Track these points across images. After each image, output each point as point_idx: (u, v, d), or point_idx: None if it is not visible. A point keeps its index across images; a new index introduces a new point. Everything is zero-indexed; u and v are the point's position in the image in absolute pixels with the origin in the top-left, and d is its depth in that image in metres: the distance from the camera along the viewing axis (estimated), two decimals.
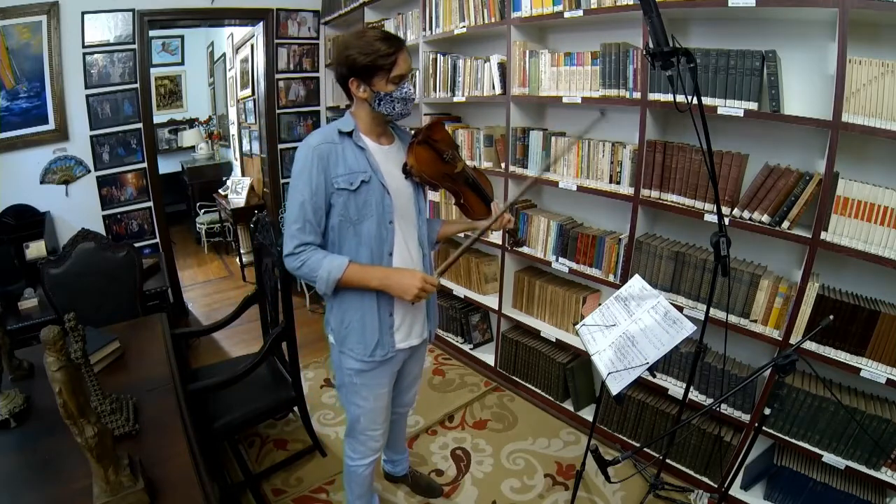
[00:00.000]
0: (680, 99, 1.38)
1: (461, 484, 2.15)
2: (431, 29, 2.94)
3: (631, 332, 1.52)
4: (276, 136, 4.19)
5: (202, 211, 5.60)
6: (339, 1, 3.76)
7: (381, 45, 1.30)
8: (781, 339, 1.77)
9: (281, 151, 4.25)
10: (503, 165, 2.67)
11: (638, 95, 2.01)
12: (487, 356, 3.04)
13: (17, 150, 3.01)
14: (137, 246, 2.85)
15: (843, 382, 1.79)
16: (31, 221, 2.96)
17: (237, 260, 4.88)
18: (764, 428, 1.54)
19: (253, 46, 4.39)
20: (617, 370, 1.44)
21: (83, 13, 3.08)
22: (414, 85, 1.55)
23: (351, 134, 1.39)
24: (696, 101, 1.38)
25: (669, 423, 2.12)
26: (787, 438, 1.79)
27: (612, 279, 2.27)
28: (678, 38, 1.36)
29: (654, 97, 1.95)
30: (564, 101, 2.27)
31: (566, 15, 2.17)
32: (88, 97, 3.20)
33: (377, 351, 1.48)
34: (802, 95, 1.73)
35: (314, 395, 2.76)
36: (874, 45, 1.53)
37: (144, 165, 3.52)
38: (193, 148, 6.18)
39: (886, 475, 1.63)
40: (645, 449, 2.21)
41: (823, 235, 1.62)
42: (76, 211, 3.26)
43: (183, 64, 6.46)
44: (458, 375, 2.98)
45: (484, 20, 2.61)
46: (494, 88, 2.62)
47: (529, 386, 2.77)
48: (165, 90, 6.46)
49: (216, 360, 2.84)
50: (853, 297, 1.68)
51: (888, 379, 1.56)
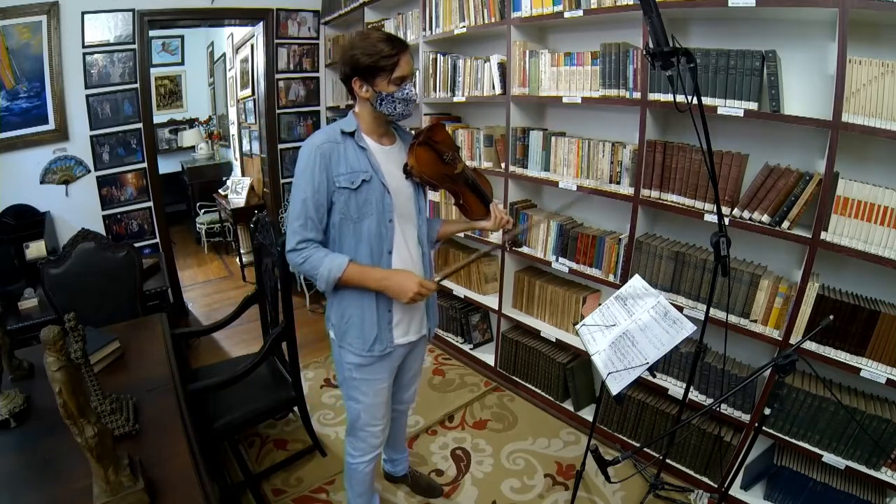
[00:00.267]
0: (680, 99, 1.38)
1: (461, 484, 2.15)
2: (431, 29, 2.94)
3: (631, 332, 1.52)
4: (276, 136, 4.19)
5: (202, 211, 5.60)
6: (339, 1, 3.76)
7: (384, 46, 1.33)
8: (781, 339, 1.77)
9: (281, 151, 4.25)
10: (503, 165, 2.67)
11: (638, 95, 2.02)
12: (487, 356, 3.04)
13: (17, 150, 3.01)
14: (137, 246, 2.85)
15: (843, 382, 1.79)
16: (31, 221, 2.96)
17: (237, 260, 4.88)
18: (764, 428, 1.54)
19: (253, 46, 4.40)
20: (617, 370, 1.44)
21: (83, 13, 3.08)
22: (414, 85, 1.56)
23: (353, 134, 1.42)
24: (696, 101, 1.38)
25: (669, 423, 2.12)
26: (787, 438, 1.79)
27: (612, 279, 2.27)
28: (678, 38, 1.36)
29: (654, 97, 1.96)
30: (564, 101, 2.28)
31: (566, 15, 2.17)
32: (88, 97, 3.21)
33: (376, 346, 1.50)
34: (802, 95, 1.73)
35: (314, 395, 2.77)
36: (874, 45, 1.53)
37: (144, 165, 3.52)
38: (193, 148, 6.18)
39: (886, 475, 1.63)
40: (645, 449, 2.21)
41: (823, 235, 1.62)
42: (76, 211, 3.26)
43: (183, 64, 6.47)
44: (458, 375, 2.98)
45: (484, 20, 2.61)
46: (494, 88, 2.62)
47: (529, 386, 2.77)
48: (165, 90, 6.46)
49: (216, 360, 2.84)
50: (853, 297, 1.68)
51: (888, 379, 1.56)
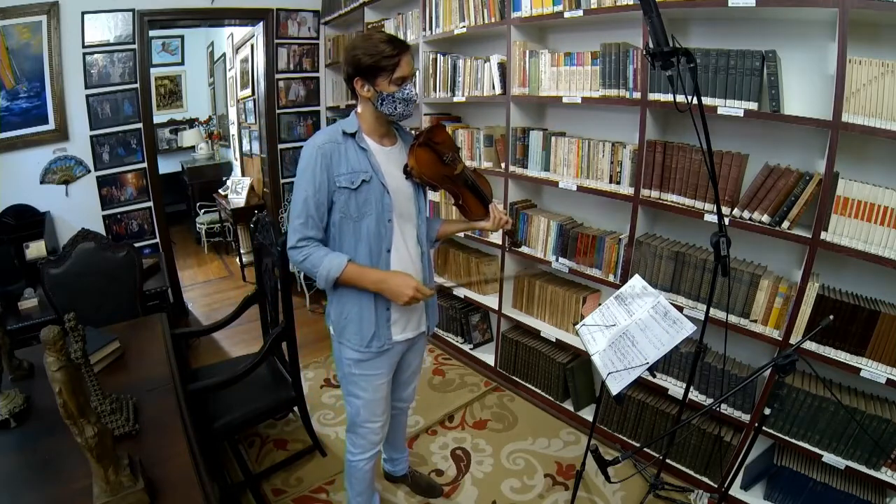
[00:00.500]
0: (680, 99, 1.38)
1: (461, 484, 2.15)
2: (431, 29, 2.94)
3: (631, 331, 1.52)
4: (276, 136, 4.19)
5: (202, 211, 5.60)
6: (339, 1, 3.76)
7: (385, 46, 1.35)
8: (781, 339, 1.77)
9: (281, 151, 4.25)
10: (503, 165, 2.67)
11: (638, 95, 2.02)
12: (487, 356, 3.04)
13: (17, 150, 3.01)
14: (137, 246, 2.85)
15: (843, 382, 1.79)
16: (31, 221, 2.96)
17: (237, 260, 4.88)
18: (764, 428, 1.54)
19: (253, 46, 4.40)
20: (617, 370, 1.44)
21: (83, 13, 3.08)
22: (415, 86, 1.56)
23: (354, 135, 1.44)
24: (696, 101, 1.38)
25: (669, 423, 2.12)
26: (787, 438, 1.79)
27: (612, 279, 2.27)
28: (678, 38, 1.35)
29: (654, 97, 1.96)
30: (564, 101, 2.27)
31: (566, 15, 2.17)
32: (88, 97, 3.21)
33: (373, 342, 1.52)
34: (802, 95, 1.73)
35: (314, 395, 2.77)
36: (874, 45, 1.53)
37: (144, 165, 3.53)
38: (193, 148, 6.18)
39: (886, 475, 1.63)
40: (645, 449, 2.21)
41: (823, 235, 1.62)
42: (76, 211, 3.26)
43: (183, 64, 6.47)
44: (458, 375, 2.98)
45: (484, 20, 2.61)
46: (494, 88, 2.62)
47: (529, 386, 2.77)
48: (165, 90, 6.46)
49: (216, 360, 2.84)
50: (853, 297, 1.68)
51: (888, 379, 1.56)
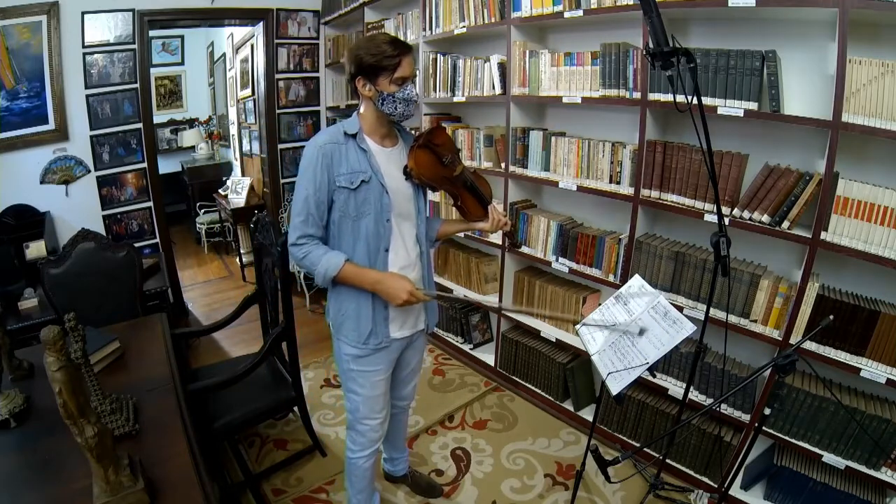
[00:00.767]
0: (680, 99, 1.38)
1: (461, 484, 2.15)
2: (431, 29, 2.94)
3: (631, 331, 1.51)
4: (276, 136, 4.19)
5: (202, 211, 5.60)
6: (339, 1, 3.76)
7: (387, 47, 1.37)
8: (781, 339, 1.77)
9: (281, 151, 4.25)
10: (503, 165, 2.67)
11: (638, 95, 2.01)
12: (487, 356, 3.04)
13: (17, 150, 3.01)
14: (137, 246, 2.85)
15: (843, 382, 1.79)
16: (31, 221, 2.96)
17: (237, 260, 4.88)
18: (764, 428, 1.54)
19: (253, 46, 4.39)
20: (617, 370, 1.44)
21: (83, 13, 3.08)
22: (416, 87, 1.57)
23: (355, 136, 1.45)
24: (696, 101, 1.38)
25: (669, 423, 2.12)
26: (787, 438, 1.79)
27: (612, 279, 2.27)
28: (678, 38, 1.35)
29: (654, 97, 1.96)
30: (564, 101, 2.27)
31: (566, 15, 2.17)
32: (88, 97, 3.21)
33: (371, 339, 1.53)
34: (802, 95, 1.73)
35: (314, 395, 2.76)
36: (874, 45, 1.53)
37: (144, 165, 3.52)
38: (193, 148, 6.18)
39: (886, 475, 1.63)
40: (645, 449, 2.21)
41: (823, 235, 1.62)
42: (76, 211, 3.26)
43: (183, 64, 6.47)
44: (458, 375, 2.98)
45: (484, 20, 2.61)
46: (494, 88, 2.62)
47: (529, 386, 2.77)
48: (165, 90, 6.46)
49: (216, 360, 2.84)
50: (853, 297, 1.68)
51: (888, 379, 1.56)
